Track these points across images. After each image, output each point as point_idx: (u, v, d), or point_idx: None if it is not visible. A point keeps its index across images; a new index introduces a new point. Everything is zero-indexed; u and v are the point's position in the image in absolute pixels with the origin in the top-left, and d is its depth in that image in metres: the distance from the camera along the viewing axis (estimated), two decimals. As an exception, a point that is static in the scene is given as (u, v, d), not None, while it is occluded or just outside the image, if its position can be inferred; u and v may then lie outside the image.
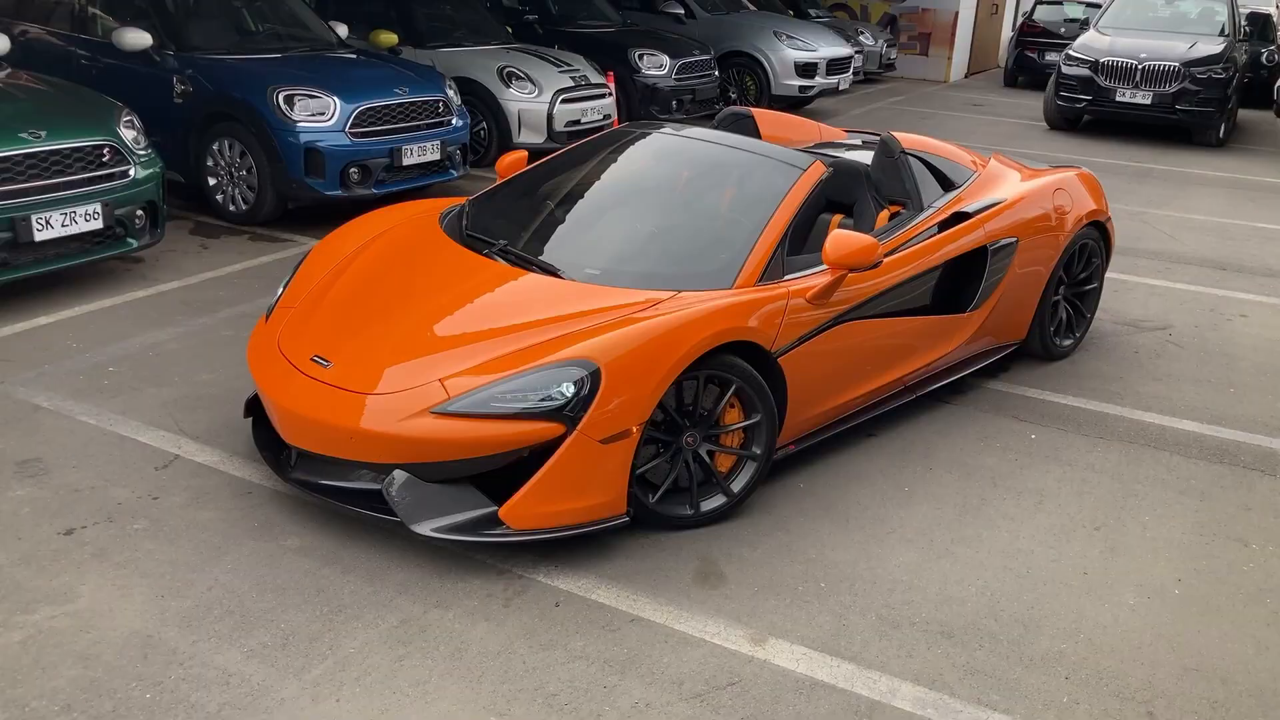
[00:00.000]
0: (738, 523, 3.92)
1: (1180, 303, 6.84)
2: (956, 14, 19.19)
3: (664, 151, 4.79)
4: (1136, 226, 8.79)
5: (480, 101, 9.55)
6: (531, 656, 3.15)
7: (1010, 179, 5.40)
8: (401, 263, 4.31)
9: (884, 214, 4.85)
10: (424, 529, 3.48)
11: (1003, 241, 4.96)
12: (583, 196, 4.66)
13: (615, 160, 4.81)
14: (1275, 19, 18.80)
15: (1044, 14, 18.71)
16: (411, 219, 4.71)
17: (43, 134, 5.51)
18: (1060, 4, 18.87)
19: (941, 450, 4.61)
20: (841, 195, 4.99)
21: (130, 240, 5.98)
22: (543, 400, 3.43)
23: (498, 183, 5.00)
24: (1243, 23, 14.98)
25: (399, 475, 3.52)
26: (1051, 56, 17.24)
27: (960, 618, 3.45)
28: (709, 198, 4.50)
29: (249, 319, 5.64)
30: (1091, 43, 13.40)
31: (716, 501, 3.88)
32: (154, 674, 3.00)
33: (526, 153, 5.28)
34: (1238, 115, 14.55)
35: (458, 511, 3.51)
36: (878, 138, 5.25)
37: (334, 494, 3.69)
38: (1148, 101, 12.77)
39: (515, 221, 4.56)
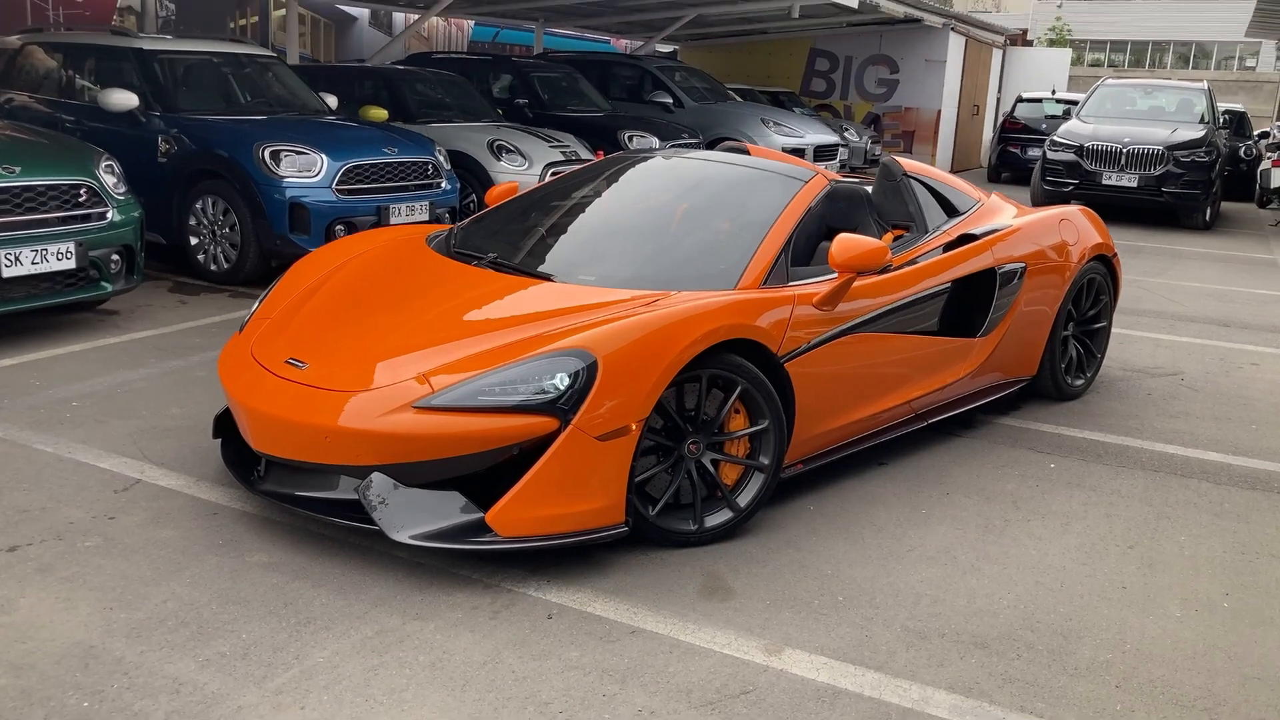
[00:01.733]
0: (744, 540, 3.62)
1: (1188, 353, 6.65)
2: (939, 113, 19.56)
3: (664, 170, 4.65)
4: (1135, 292, 8.67)
5: (470, 174, 9.47)
6: (521, 666, 2.82)
7: (1012, 212, 5.27)
8: (385, 274, 4.09)
9: (887, 237, 4.68)
10: (403, 536, 3.17)
11: (1011, 266, 4.79)
12: (580, 214, 4.48)
13: (614, 181, 4.64)
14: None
15: (1025, 111, 19.07)
16: (396, 239, 4.51)
17: (16, 170, 5.34)
18: (1040, 102, 19.26)
19: (957, 477, 4.33)
20: (842, 221, 4.81)
21: (104, 284, 5.76)
22: (535, 393, 3.17)
23: (488, 209, 4.83)
24: (1221, 113, 15.24)
25: (377, 478, 3.23)
26: (1034, 152, 17.46)
27: (993, 629, 3.13)
28: (710, 209, 4.32)
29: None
30: (1075, 129, 13.56)
31: (722, 516, 3.58)
32: (94, 683, 2.66)
33: (517, 184, 5.12)
34: (1221, 205, 14.66)
35: (441, 518, 3.21)
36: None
37: (306, 504, 3.39)
38: (1133, 184, 12.85)
39: (507, 240, 4.36)
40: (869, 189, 4.88)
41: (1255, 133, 19.38)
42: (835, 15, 17.38)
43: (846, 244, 3.80)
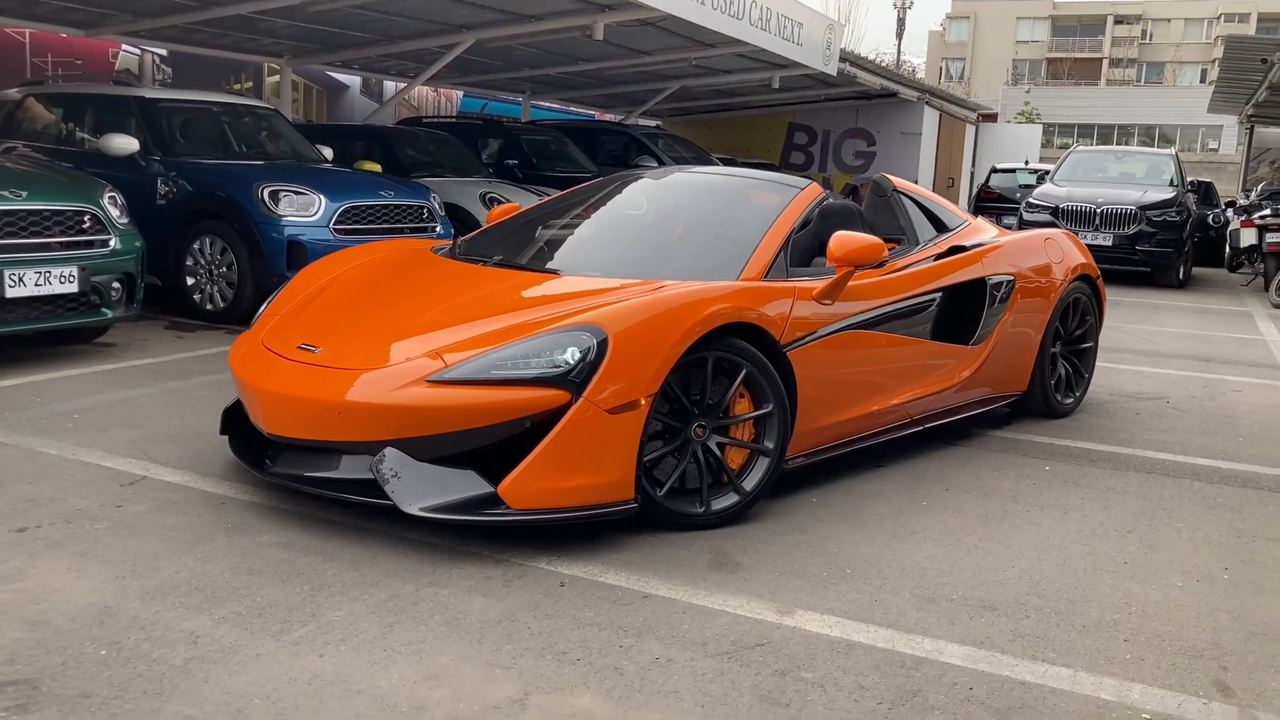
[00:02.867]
0: (749, 525, 3.66)
1: (1172, 382, 6.79)
2: (914, 183, 19.97)
3: (665, 182, 4.79)
4: (1117, 335, 8.82)
5: (463, 225, 9.61)
6: (537, 624, 2.83)
7: (995, 232, 5.42)
8: (394, 273, 4.18)
9: (880, 249, 4.80)
10: (414, 508, 3.20)
11: (1000, 278, 4.92)
12: (584, 220, 4.60)
13: (617, 193, 4.78)
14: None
15: (999, 181, 19.55)
16: (402, 247, 4.61)
17: (23, 194, 5.42)
18: (1014, 172, 19.76)
19: (955, 476, 4.40)
20: (835, 236, 4.95)
21: (105, 310, 5.80)
22: (547, 366, 3.23)
23: (491, 224, 4.94)
24: (1190, 181, 15.67)
25: (391, 453, 3.27)
26: (1009, 220, 17.82)
27: (1000, 595, 3.17)
28: (711, 212, 4.45)
29: (226, 386, 5.40)
30: (1051, 191, 13.92)
31: (728, 500, 3.62)
32: (110, 636, 2.66)
33: (518, 205, 5.24)
34: (1193, 269, 14.98)
35: (453, 491, 3.24)
36: None
37: (317, 484, 3.41)
38: (1109, 243, 13.13)
39: (512, 247, 4.46)
40: (861, 206, 5.02)
41: (1224, 202, 19.88)
42: (814, 88, 17.86)
43: (844, 239, 3.93)
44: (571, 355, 3.24)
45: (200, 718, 2.30)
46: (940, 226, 5.07)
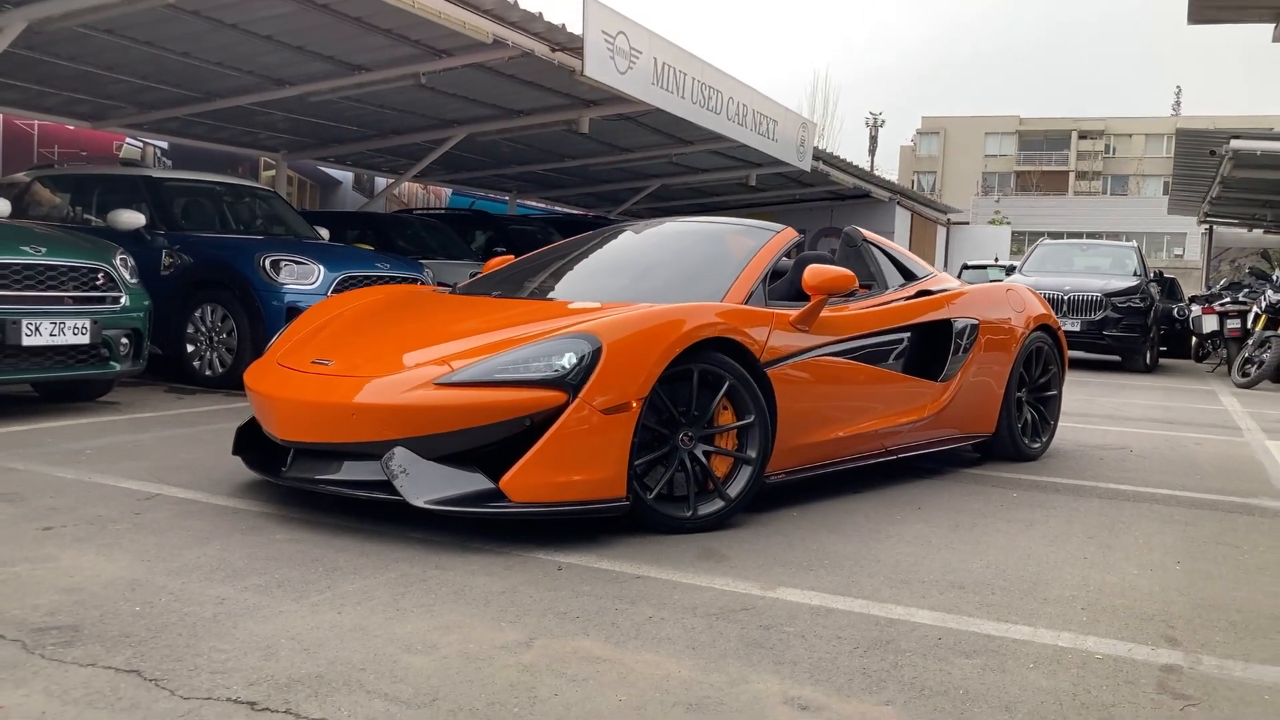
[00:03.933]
0: (733, 529, 3.89)
1: (1136, 438, 7.09)
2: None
3: (653, 230, 5.14)
4: (1084, 406, 9.17)
5: (452, 303, 9.96)
6: (538, 595, 3.05)
7: (959, 284, 5.78)
8: (400, 305, 4.47)
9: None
10: (420, 501, 3.43)
11: (965, 321, 5.25)
12: (579, 262, 4.93)
13: (609, 240, 5.13)
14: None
15: (970, 277, 20.11)
16: (404, 288, 4.91)
17: (42, 250, 5.73)
18: (985, 269, 20.42)
19: (928, 499, 4.65)
20: (811, 283, 5.29)
21: (113, 363, 6.05)
22: (546, 369, 3.50)
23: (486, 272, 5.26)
24: (1154, 272, 16.29)
25: (399, 451, 3.51)
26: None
27: (968, 578, 3.41)
28: (696, 251, 4.79)
29: (230, 432, 5.61)
30: (1019, 281, 14.43)
31: (714, 505, 3.86)
32: (142, 598, 2.86)
33: (513, 256, 5.57)
34: (1159, 358, 15.48)
35: (458, 486, 3.48)
36: None
37: (330, 484, 3.64)
38: (1077, 329, 13.60)
39: (511, 285, 4.78)
40: (833, 255, 5.38)
41: (1188, 297, 20.55)
42: (789, 187, 18.57)
43: (817, 270, 4.26)
44: (569, 360, 3.52)
45: (234, 651, 2.50)
46: (908, 275, 5.43)
